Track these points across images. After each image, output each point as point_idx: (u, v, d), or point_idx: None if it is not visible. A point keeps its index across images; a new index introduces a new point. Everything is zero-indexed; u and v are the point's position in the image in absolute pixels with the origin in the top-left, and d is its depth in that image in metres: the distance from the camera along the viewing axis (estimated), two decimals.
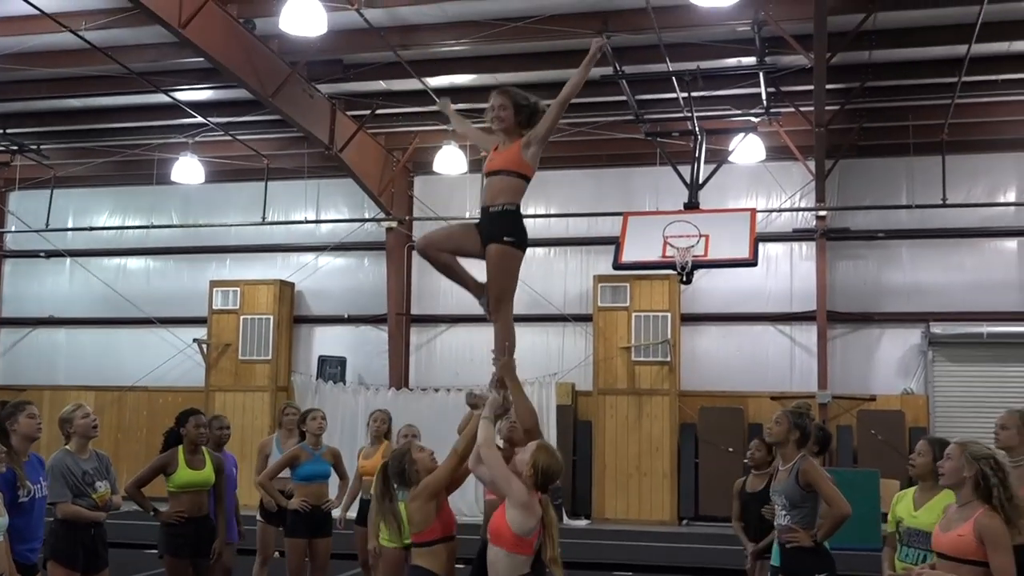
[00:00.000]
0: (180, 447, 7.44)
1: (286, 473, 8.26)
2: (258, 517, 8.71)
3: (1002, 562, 4.59)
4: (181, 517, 7.31)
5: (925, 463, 5.76)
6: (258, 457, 8.94)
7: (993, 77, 15.24)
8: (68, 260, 21.22)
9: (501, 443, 6.02)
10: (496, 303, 5.53)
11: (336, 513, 8.59)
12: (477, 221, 5.64)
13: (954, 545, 4.73)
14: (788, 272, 18.04)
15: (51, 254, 21.14)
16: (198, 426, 7.45)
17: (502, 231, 5.44)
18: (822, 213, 17.36)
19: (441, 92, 15.75)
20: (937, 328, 17.21)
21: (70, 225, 20.99)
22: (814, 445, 6.45)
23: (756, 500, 7.49)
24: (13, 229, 21.34)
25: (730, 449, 16.73)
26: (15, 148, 18.77)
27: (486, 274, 5.54)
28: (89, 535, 6.66)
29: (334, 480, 8.53)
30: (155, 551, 7.71)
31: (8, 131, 18.46)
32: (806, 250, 17.94)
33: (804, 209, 17.77)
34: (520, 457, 5.16)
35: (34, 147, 18.90)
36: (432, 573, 5.22)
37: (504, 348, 5.49)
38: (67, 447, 6.79)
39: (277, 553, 9.02)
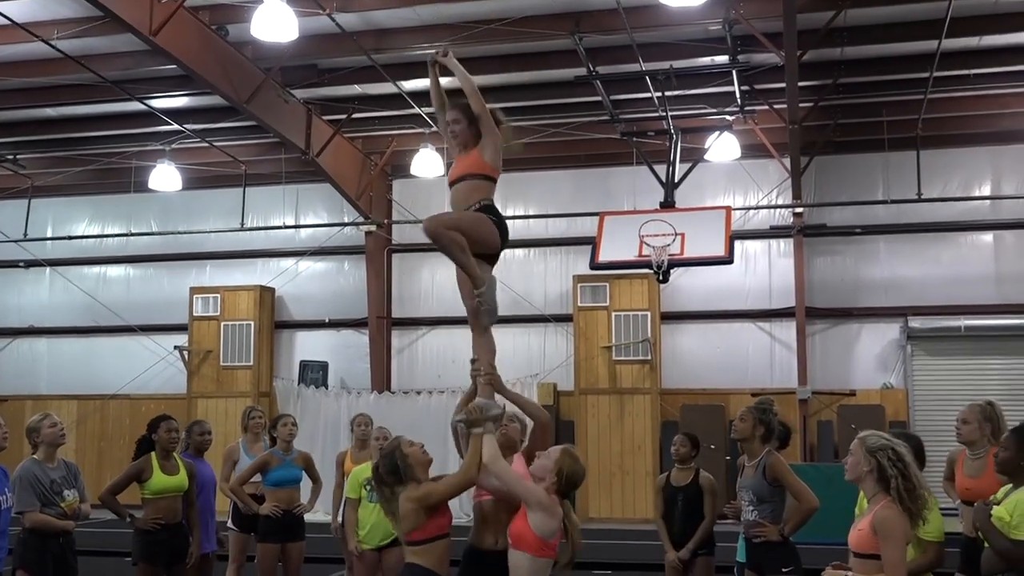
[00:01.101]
0: (153, 453, 7.43)
1: (257, 478, 8.26)
2: (229, 524, 8.69)
3: (891, 554, 4.48)
4: (158, 524, 7.31)
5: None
6: (225, 464, 8.88)
7: (965, 72, 15.30)
8: (48, 269, 21.17)
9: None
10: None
11: (313, 517, 8.59)
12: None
13: (856, 540, 4.66)
14: (766, 269, 18.11)
15: (30, 264, 21.08)
16: (170, 431, 7.45)
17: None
18: (799, 210, 17.43)
19: (416, 95, 15.80)
20: (915, 322, 17.30)
21: (49, 234, 20.91)
22: (775, 440, 6.48)
23: (682, 493, 7.55)
24: None
25: (712, 446, 16.69)
26: None
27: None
28: (58, 544, 6.66)
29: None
30: (128, 558, 7.70)
31: None
32: (784, 247, 18.01)
33: (780, 206, 17.82)
34: (541, 463, 5.08)
35: (10, 157, 18.87)
36: (428, 570, 5.07)
37: (488, 362, 5.46)
38: (35, 456, 6.80)
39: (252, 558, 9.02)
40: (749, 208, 17.92)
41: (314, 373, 19.20)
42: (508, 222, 5.61)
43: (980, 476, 6.26)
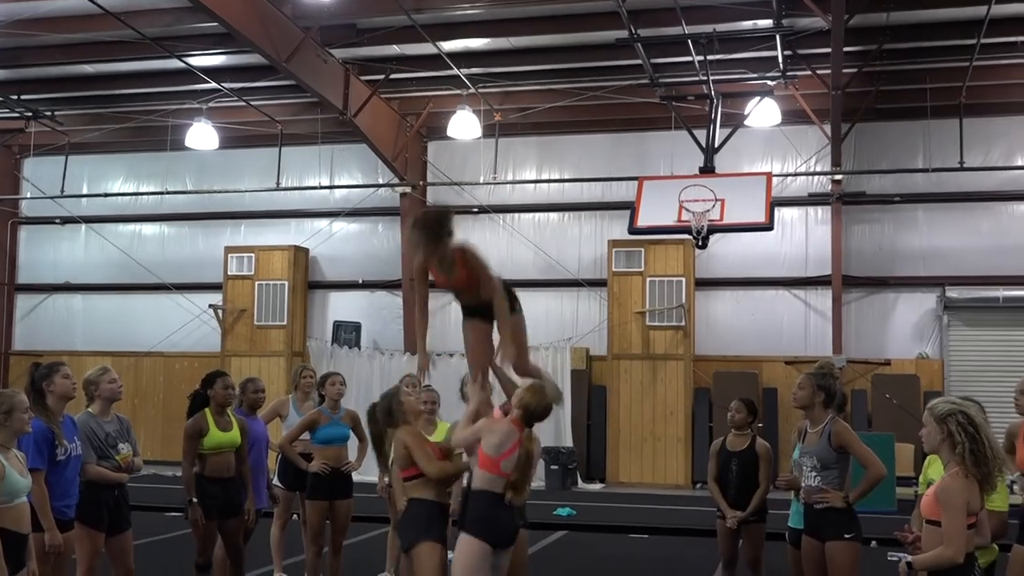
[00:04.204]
0: (207, 410, 7.45)
1: (305, 436, 8.29)
2: (275, 481, 8.74)
3: (947, 524, 4.42)
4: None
5: None
6: (270, 415, 8.94)
7: (1012, 39, 15.09)
8: (83, 227, 21.27)
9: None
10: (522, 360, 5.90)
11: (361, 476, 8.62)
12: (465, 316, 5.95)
13: (924, 506, 4.62)
14: (803, 237, 17.99)
15: (66, 220, 21.19)
16: (226, 387, 7.48)
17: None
18: (838, 177, 17.26)
19: (454, 56, 15.66)
20: (953, 292, 17.18)
21: (85, 191, 20.99)
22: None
23: (737, 458, 7.52)
24: (28, 196, 21.39)
25: None
26: (29, 114, 18.72)
27: (503, 342, 5.78)
28: (113, 496, 6.71)
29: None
30: (176, 513, 7.76)
31: (22, 97, 18.46)
32: (821, 214, 17.87)
33: (820, 173, 17.67)
34: (516, 392, 5.52)
35: (48, 113, 18.87)
36: (428, 500, 5.69)
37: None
38: (90, 409, 6.84)
39: (295, 515, 9.09)
40: (788, 175, 17.77)
41: (347, 334, 19.27)
42: (543, 186, 5.74)
43: None
